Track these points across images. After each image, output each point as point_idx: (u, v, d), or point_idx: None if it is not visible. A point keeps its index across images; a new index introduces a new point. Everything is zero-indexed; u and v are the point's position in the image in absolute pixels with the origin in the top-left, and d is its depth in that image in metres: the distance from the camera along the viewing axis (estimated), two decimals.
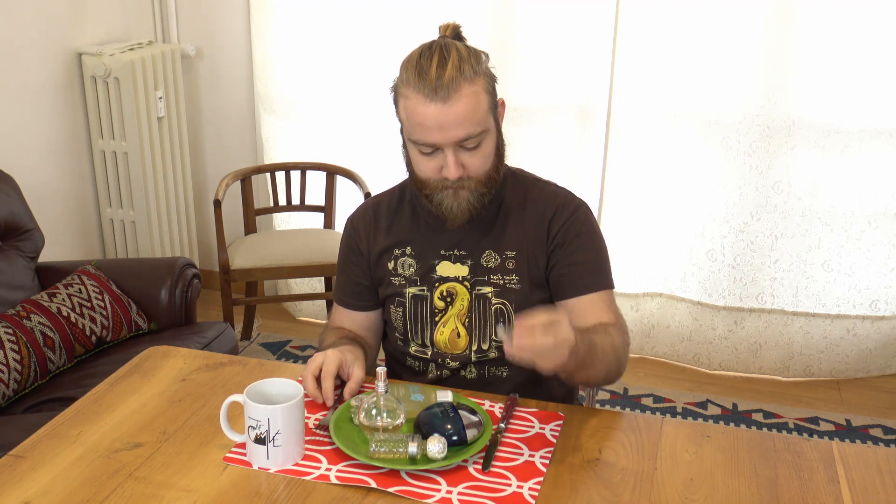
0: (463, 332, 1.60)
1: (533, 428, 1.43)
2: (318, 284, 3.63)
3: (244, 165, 3.55)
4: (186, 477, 1.30)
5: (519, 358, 1.26)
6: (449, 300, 1.60)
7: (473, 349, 1.61)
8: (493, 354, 1.60)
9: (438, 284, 1.60)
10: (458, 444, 1.33)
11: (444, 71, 1.41)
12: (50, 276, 2.58)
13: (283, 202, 3.37)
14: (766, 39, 2.92)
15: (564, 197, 1.62)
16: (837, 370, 3.25)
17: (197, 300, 2.67)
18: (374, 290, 1.68)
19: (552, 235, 1.58)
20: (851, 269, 3.13)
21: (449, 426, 1.33)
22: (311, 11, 3.30)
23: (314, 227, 3.47)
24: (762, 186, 3.08)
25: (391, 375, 1.67)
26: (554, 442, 1.39)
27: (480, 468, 1.32)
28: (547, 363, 1.27)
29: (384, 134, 3.28)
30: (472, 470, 1.32)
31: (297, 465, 1.32)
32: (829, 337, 3.21)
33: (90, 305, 2.43)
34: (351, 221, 1.70)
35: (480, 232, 1.59)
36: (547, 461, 1.34)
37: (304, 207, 3.36)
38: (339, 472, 1.31)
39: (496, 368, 1.62)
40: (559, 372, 1.33)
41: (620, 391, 3.12)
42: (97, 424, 1.44)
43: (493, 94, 1.50)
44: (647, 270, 3.31)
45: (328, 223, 3.37)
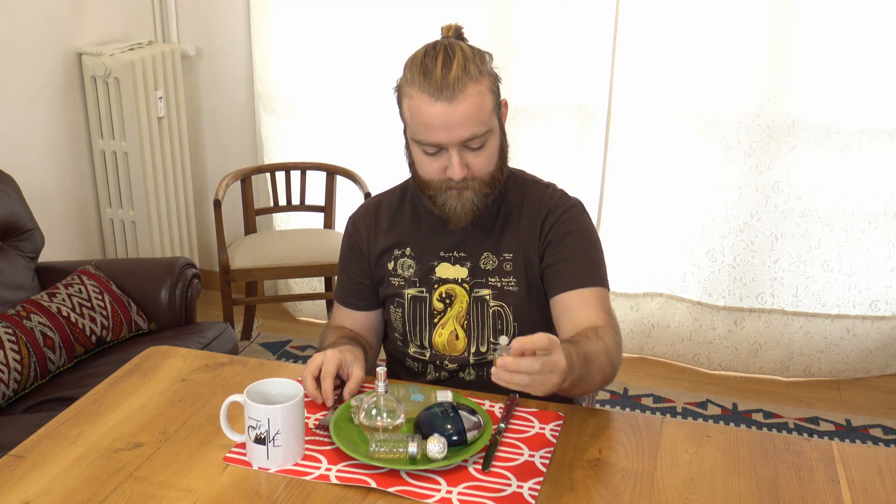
0: (462, 334, 1.60)
1: (533, 428, 1.43)
2: (318, 284, 3.63)
3: (244, 165, 3.55)
4: (186, 477, 1.30)
5: (507, 382, 1.20)
6: (448, 302, 1.60)
7: (472, 351, 1.60)
8: (491, 357, 1.60)
9: (437, 286, 1.60)
10: (458, 444, 1.32)
11: (449, 70, 1.41)
12: (50, 276, 2.58)
13: (283, 202, 3.37)
14: (766, 39, 2.92)
15: (559, 198, 1.61)
16: (837, 370, 3.25)
17: (197, 300, 2.67)
18: (374, 289, 1.68)
19: (544, 235, 1.58)
20: (851, 269, 3.13)
21: (449, 426, 1.33)
22: (311, 11, 3.30)
23: (314, 227, 3.47)
24: (762, 186, 3.08)
25: (391, 376, 1.67)
26: (554, 442, 1.39)
27: (480, 468, 1.32)
28: (537, 390, 1.23)
29: (384, 134, 3.28)
30: (472, 470, 1.31)
31: (297, 465, 1.32)
32: (829, 337, 3.21)
33: (90, 305, 2.43)
34: (352, 221, 1.70)
35: (480, 234, 1.59)
36: (547, 461, 1.34)
37: (304, 207, 3.36)
38: (339, 472, 1.31)
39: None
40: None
41: (620, 391, 3.12)
42: (97, 424, 1.44)
43: (497, 94, 1.49)
44: (647, 270, 3.31)
45: (328, 223, 3.37)
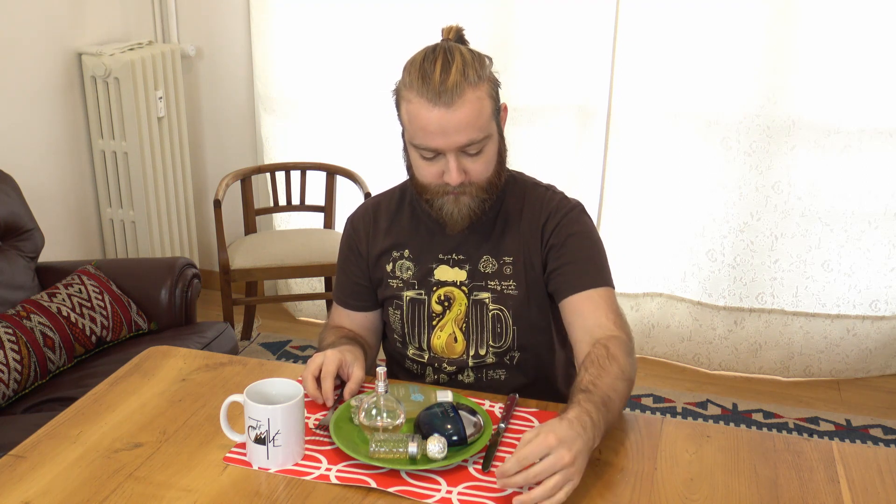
0: (460, 336, 1.60)
1: (533, 428, 1.42)
2: (318, 284, 3.63)
3: (244, 165, 3.55)
4: (186, 477, 1.30)
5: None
6: (446, 304, 1.59)
7: (471, 354, 1.60)
8: (490, 360, 1.60)
9: (436, 289, 1.60)
10: (458, 444, 1.32)
11: (448, 75, 1.40)
12: (50, 276, 2.58)
13: (283, 202, 3.37)
14: (766, 39, 2.92)
15: (559, 201, 1.60)
16: (837, 370, 3.25)
17: (197, 300, 2.67)
18: (373, 290, 1.67)
19: (545, 239, 1.57)
20: (851, 269, 3.13)
21: (449, 426, 1.33)
22: (311, 11, 3.30)
23: (314, 227, 3.47)
24: (762, 186, 3.08)
25: (390, 377, 1.67)
26: None
27: (480, 468, 1.32)
28: (575, 481, 1.19)
29: (384, 134, 3.28)
30: (472, 470, 1.31)
31: (297, 465, 1.32)
32: (829, 337, 3.21)
33: (90, 305, 2.43)
34: (351, 221, 1.70)
35: (479, 237, 1.58)
36: None
37: (304, 207, 3.36)
38: (339, 472, 1.31)
39: (493, 373, 1.61)
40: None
41: None
42: (97, 424, 1.44)
43: (496, 99, 1.48)
44: (647, 270, 3.31)
45: (328, 223, 3.37)
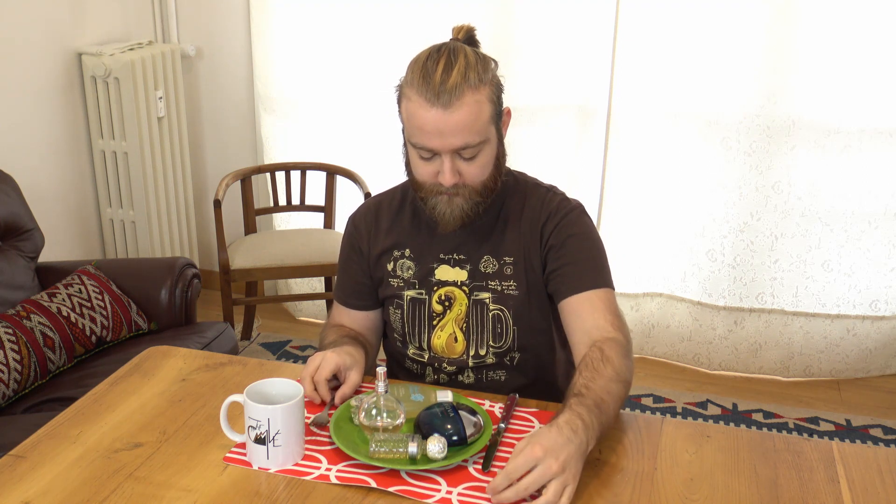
0: (461, 336, 1.60)
1: (533, 428, 1.43)
2: (318, 284, 3.63)
3: (244, 165, 3.55)
4: (186, 477, 1.30)
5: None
6: (447, 304, 1.59)
7: (471, 354, 1.60)
8: (490, 360, 1.60)
9: (437, 288, 1.60)
10: (458, 444, 1.32)
11: (448, 76, 1.39)
12: (50, 276, 2.58)
13: (283, 202, 3.37)
14: (766, 39, 2.92)
15: (559, 202, 1.59)
16: (837, 370, 3.25)
17: (197, 300, 2.67)
18: (374, 289, 1.67)
19: (545, 239, 1.56)
20: (851, 269, 3.13)
21: (449, 426, 1.33)
22: (311, 11, 3.30)
23: (314, 227, 3.47)
24: (762, 186, 3.08)
25: (390, 376, 1.67)
26: None
27: (480, 468, 1.32)
28: (572, 486, 1.21)
29: (384, 134, 3.28)
30: (472, 470, 1.31)
31: (297, 465, 1.32)
32: (829, 337, 3.21)
33: (90, 305, 2.43)
34: (352, 220, 1.70)
35: (480, 237, 1.58)
36: None
37: (304, 207, 3.36)
38: (339, 472, 1.31)
39: (494, 373, 1.61)
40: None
41: None
42: (97, 424, 1.44)
43: (497, 103, 1.47)
44: (647, 270, 3.31)
45: (328, 223, 3.37)
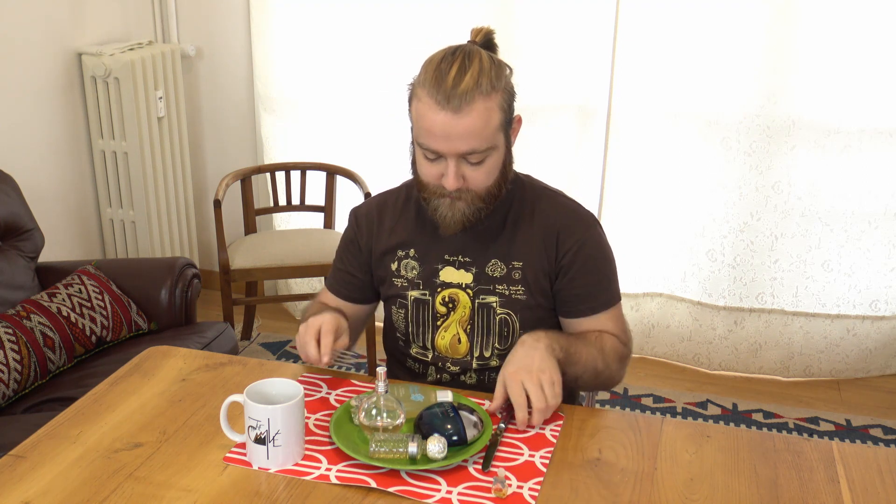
0: (464, 338, 1.60)
1: (533, 428, 1.43)
2: (318, 284, 3.62)
3: (244, 165, 3.55)
4: (186, 477, 1.30)
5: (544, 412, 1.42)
6: (451, 306, 1.59)
7: (475, 356, 1.60)
8: (494, 362, 1.60)
9: (441, 290, 1.59)
10: (458, 444, 1.32)
11: (461, 80, 1.38)
12: (50, 276, 2.58)
13: (283, 202, 3.37)
14: (766, 39, 2.92)
15: (575, 213, 1.59)
16: (837, 370, 3.25)
17: (197, 300, 2.67)
18: (364, 285, 1.68)
19: (560, 255, 1.56)
20: (851, 269, 3.13)
21: (449, 426, 1.33)
22: (311, 11, 3.30)
23: (314, 227, 3.47)
24: (762, 186, 3.08)
25: (389, 376, 1.67)
26: (554, 442, 1.39)
27: (480, 468, 1.32)
28: (548, 376, 1.42)
29: (384, 134, 3.28)
30: (472, 470, 1.31)
31: (297, 465, 1.32)
32: (829, 337, 3.21)
33: (90, 305, 2.43)
34: (355, 215, 1.70)
35: (486, 239, 1.58)
36: (547, 461, 1.34)
37: (304, 207, 3.36)
38: (339, 472, 1.31)
39: (496, 375, 1.60)
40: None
41: (620, 391, 3.12)
42: (97, 424, 1.44)
43: (508, 111, 1.46)
44: (647, 270, 3.31)
45: (328, 223, 3.37)
